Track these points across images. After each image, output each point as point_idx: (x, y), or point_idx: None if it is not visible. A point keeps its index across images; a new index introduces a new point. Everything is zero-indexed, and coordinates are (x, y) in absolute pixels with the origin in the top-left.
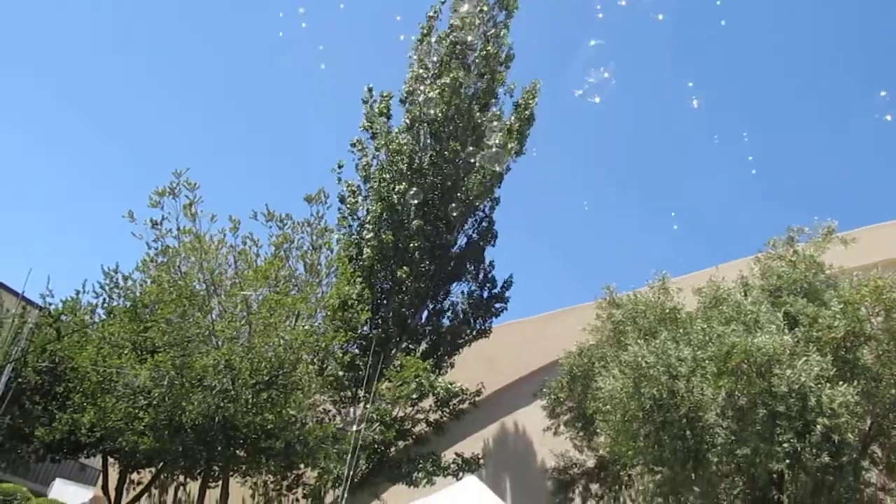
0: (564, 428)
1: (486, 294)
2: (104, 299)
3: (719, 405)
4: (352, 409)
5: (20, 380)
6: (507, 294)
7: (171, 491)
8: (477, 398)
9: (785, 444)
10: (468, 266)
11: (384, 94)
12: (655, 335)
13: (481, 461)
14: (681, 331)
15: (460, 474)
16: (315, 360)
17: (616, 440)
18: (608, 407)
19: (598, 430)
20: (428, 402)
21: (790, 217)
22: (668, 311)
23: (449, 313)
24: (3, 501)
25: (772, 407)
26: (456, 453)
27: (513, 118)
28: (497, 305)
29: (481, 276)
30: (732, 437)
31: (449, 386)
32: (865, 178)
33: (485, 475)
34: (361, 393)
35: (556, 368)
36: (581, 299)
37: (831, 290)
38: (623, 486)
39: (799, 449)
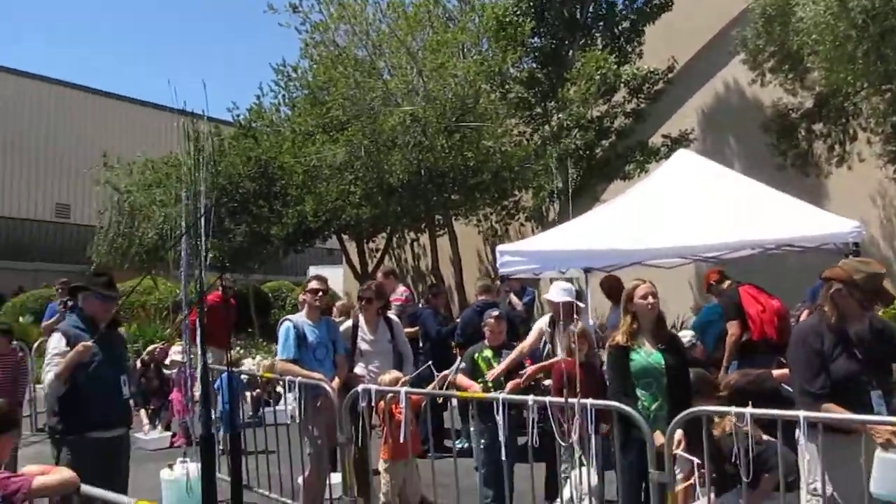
0: (771, 76)
1: None
2: (284, 96)
3: None
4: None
5: (241, 190)
6: None
7: (406, 248)
8: (670, 75)
9: None
10: None
11: None
12: None
13: (691, 135)
14: None
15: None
16: (494, 87)
17: (831, 69)
18: (815, 36)
19: (809, 66)
20: (621, 95)
21: None
22: None
23: None
24: (273, 297)
25: None
26: (663, 135)
27: None
28: None
29: None
30: None
31: (636, 72)
32: None
33: (700, 149)
34: (551, 104)
35: (747, 17)
36: None
37: None
38: (850, 117)
39: None
